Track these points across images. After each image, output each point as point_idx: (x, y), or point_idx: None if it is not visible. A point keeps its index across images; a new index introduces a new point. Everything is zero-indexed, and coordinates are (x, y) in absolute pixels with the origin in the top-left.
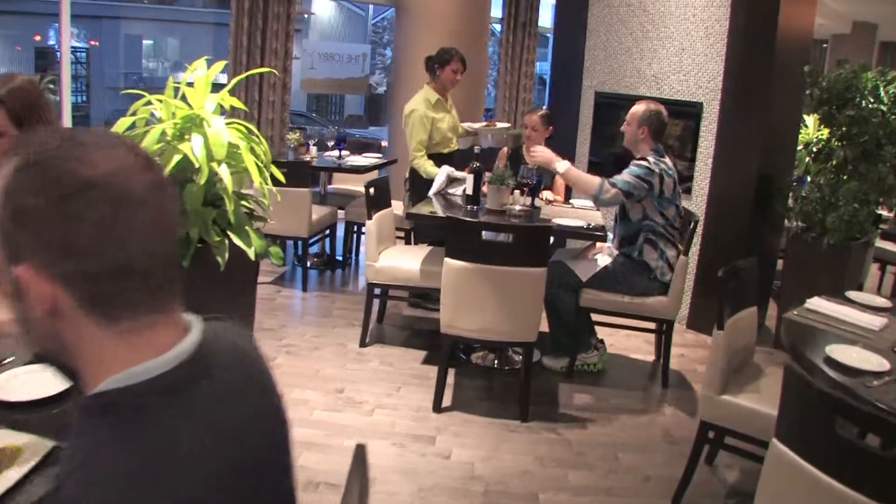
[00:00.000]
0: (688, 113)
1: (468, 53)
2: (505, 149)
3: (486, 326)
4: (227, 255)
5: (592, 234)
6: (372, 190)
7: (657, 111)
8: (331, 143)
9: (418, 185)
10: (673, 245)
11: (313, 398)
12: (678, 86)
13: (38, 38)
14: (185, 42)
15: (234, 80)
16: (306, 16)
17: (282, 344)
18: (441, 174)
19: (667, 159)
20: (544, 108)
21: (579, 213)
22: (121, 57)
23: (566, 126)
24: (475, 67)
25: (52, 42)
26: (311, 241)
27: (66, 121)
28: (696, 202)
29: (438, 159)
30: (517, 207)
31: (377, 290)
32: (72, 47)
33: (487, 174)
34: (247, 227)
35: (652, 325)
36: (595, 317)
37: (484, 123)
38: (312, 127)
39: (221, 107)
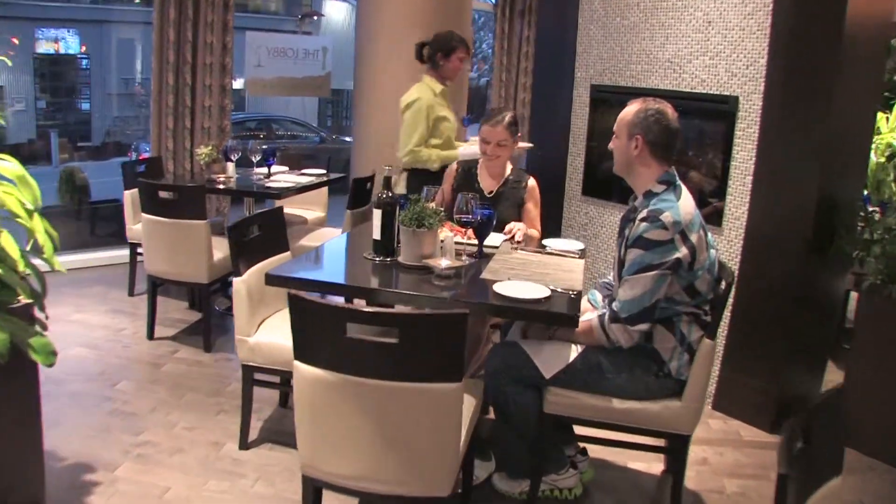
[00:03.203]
0: (717, 111)
1: None
2: (454, 165)
3: (366, 472)
4: None
5: (551, 316)
6: (254, 231)
7: (656, 112)
8: (256, 158)
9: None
10: (701, 323)
11: None
12: (703, 73)
13: (15, 41)
14: None
15: None
16: (315, 17)
17: (137, 441)
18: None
19: (685, 198)
20: (508, 114)
21: (549, 269)
22: (113, 62)
23: (554, 132)
24: None
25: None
26: (214, 286)
27: None
28: (729, 238)
29: (423, 177)
30: (443, 263)
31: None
32: (74, 55)
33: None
34: None
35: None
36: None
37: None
38: (307, 136)
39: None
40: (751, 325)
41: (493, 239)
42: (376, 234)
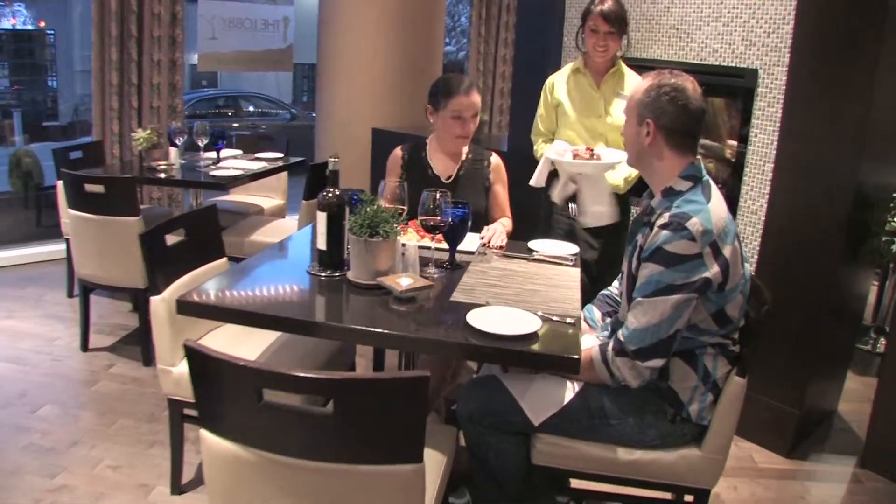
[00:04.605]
0: (732, 87)
1: (413, 22)
2: (397, 151)
3: None
4: None
5: (543, 358)
6: (182, 235)
7: (672, 88)
8: (202, 143)
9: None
10: (728, 356)
11: None
12: (715, 42)
13: None
14: None
15: None
16: None
17: (52, 485)
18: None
19: (717, 198)
20: (466, 76)
21: (538, 284)
22: (76, 38)
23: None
24: (426, 38)
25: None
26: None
27: None
28: (744, 234)
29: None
30: (403, 282)
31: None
32: (42, 30)
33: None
34: None
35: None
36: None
37: (570, 152)
38: (277, 114)
39: None
40: (768, 334)
41: (467, 242)
42: (321, 244)
